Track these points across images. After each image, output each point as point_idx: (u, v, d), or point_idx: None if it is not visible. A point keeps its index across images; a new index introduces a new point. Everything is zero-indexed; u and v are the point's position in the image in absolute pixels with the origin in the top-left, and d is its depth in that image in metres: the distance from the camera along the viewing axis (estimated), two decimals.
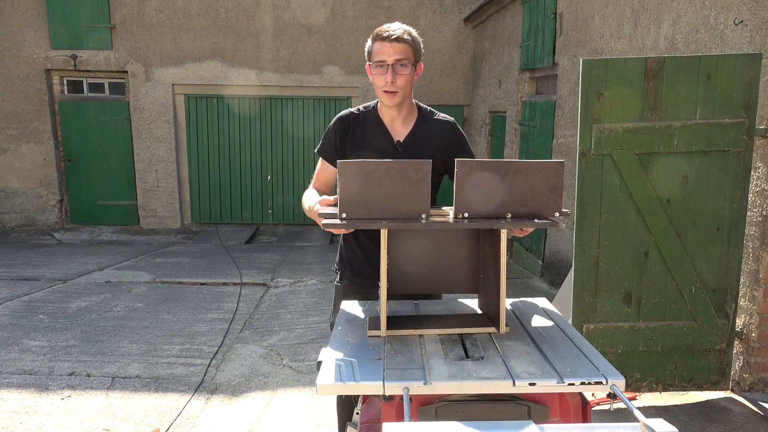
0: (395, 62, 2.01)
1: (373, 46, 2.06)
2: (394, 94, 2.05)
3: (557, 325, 1.87)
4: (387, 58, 2.01)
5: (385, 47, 2.01)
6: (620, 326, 3.34)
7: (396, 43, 2.00)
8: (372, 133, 2.18)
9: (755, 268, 3.30)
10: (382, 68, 2.02)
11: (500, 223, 1.64)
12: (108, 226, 9.81)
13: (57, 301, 5.50)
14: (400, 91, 2.05)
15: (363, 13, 9.36)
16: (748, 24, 3.25)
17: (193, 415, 3.36)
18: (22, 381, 3.77)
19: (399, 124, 2.18)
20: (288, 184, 9.93)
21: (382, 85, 2.04)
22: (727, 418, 3.20)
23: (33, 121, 9.39)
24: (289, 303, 5.60)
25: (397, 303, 2.14)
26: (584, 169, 3.21)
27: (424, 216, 1.62)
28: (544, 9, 6.23)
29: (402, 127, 2.18)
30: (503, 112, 7.84)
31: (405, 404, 1.35)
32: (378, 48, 2.03)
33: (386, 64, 2.01)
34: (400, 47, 2.01)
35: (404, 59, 2.02)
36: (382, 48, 2.02)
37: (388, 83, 2.02)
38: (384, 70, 2.02)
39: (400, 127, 2.18)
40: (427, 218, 1.62)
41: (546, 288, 6.12)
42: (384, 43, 2.01)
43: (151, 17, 9.20)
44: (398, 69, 2.02)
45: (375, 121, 2.19)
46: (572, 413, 1.52)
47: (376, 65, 2.03)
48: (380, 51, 2.02)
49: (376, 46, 2.04)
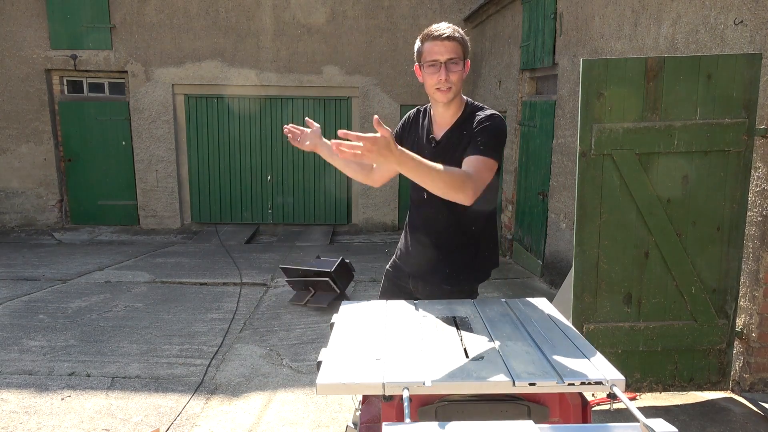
0: (447, 60, 2.04)
1: (423, 47, 2.08)
2: (448, 90, 2.08)
3: (557, 325, 1.87)
4: (440, 57, 2.04)
5: (437, 46, 2.04)
6: (620, 326, 3.34)
7: (447, 42, 2.04)
8: (420, 128, 2.29)
9: (755, 268, 3.30)
10: (434, 67, 2.05)
11: None
12: (108, 226, 9.81)
13: (57, 301, 5.50)
14: (453, 87, 2.08)
15: (363, 13, 9.35)
16: (748, 24, 3.25)
17: (193, 415, 3.36)
18: (22, 381, 3.77)
19: (445, 121, 2.21)
20: (288, 184, 9.93)
21: (436, 83, 2.07)
22: (728, 418, 3.20)
23: (33, 121, 9.38)
24: (289, 303, 5.59)
25: (397, 303, 2.14)
26: (584, 169, 3.20)
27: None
28: (544, 9, 6.23)
29: (446, 124, 2.22)
30: (503, 112, 7.83)
31: (405, 404, 1.34)
32: (429, 47, 2.06)
33: (439, 62, 2.04)
34: (452, 45, 2.04)
35: (456, 57, 2.05)
36: (433, 47, 2.05)
37: (442, 81, 2.05)
38: (437, 69, 2.05)
39: (444, 125, 2.22)
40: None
41: (546, 288, 6.12)
42: (436, 42, 2.04)
43: (151, 17, 9.20)
44: (451, 67, 2.05)
45: (428, 120, 2.27)
46: (572, 413, 1.52)
47: (429, 64, 2.06)
48: (432, 50, 2.05)
49: (427, 45, 2.07)
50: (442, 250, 2.26)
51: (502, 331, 1.82)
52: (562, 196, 5.83)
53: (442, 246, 2.26)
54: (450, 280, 2.26)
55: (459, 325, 1.88)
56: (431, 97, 2.16)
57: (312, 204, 10.03)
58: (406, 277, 2.38)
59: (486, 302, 2.12)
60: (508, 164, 7.72)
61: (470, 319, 1.94)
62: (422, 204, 2.26)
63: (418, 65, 2.14)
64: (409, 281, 2.37)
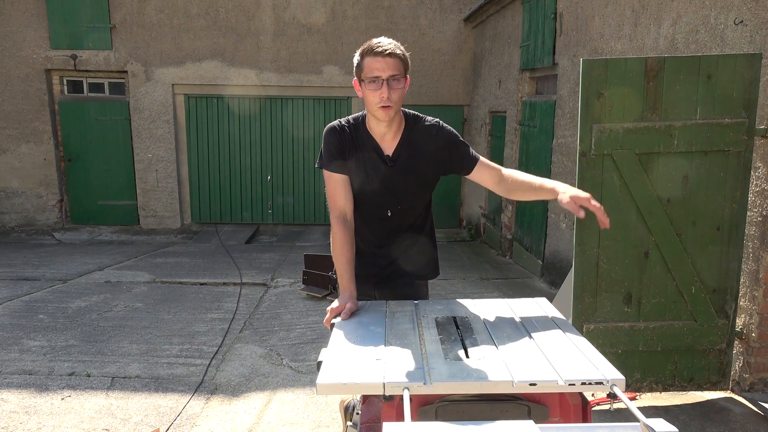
0: (389, 77, 1.98)
1: (363, 62, 2.01)
2: (389, 108, 2.01)
3: (557, 325, 1.87)
4: (381, 73, 1.97)
5: (379, 62, 1.97)
6: (620, 326, 3.34)
7: (389, 58, 1.97)
8: (364, 149, 2.16)
9: (755, 268, 3.30)
10: (375, 84, 1.98)
11: None
12: (108, 226, 9.81)
13: (57, 301, 5.50)
14: (394, 106, 2.02)
15: (363, 13, 9.35)
16: (748, 24, 3.25)
17: (193, 415, 3.36)
18: (22, 381, 3.77)
19: (389, 137, 2.15)
20: (288, 184, 9.93)
21: (378, 101, 2.00)
22: (727, 418, 3.20)
23: (33, 121, 9.38)
24: (289, 303, 5.59)
25: (397, 303, 2.14)
26: (584, 169, 3.20)
27: None
28: (544, 9, 6.23)
29: (392, 140, 2.16)
30: (503, 112, 7.84)
31: (405, 404, 1.34)
32: (370, 63, 1.99)
33: (381, 79, 1.97)
34: (394, 62, 1.98)
35: (397, 74, 1.99)
36: (374, 63, 1.98)
37: (384, 99, 1.98)
38: (378, 86, 1.98)
39: (390, 141, 2.16)
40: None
41: (546, 288, 6.12)
42: (377, 59, 1.97)
43: (151, 17, 9.20)
44: (393, 84, 1.98)
45: (365, 136, 2.16)
46: (572, 413, 1.52)
47: (370, 81, 1.99)
48: (373, 66, 1.98)
49: (367, 61, 1.99)
50: (416, 247, 2.33)
51: (502, 331, 1.82)
52: None
53: (415, 244, 2.33)
54: (433, 272, 2.43)
55: (459, 325, 1.88)
56: (372, 114, 2.08)
57: (312, 204, 10.03)
58: (371, 288, 2.36)
59: (486, 302, 2.12)
60: (508, 164, 7.72)
61: (470, 319, 1.94)
62: (384, 219, 2.25)
63: (357, 80, 2.06)
64: (374, 292, 2.37)
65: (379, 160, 2.15)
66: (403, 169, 2.15)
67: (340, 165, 2.15)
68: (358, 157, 2.15)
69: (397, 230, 2.28)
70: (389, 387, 1.44)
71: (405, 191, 2.20)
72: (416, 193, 2.24)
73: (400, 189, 2.18)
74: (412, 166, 2.16)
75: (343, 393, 1.49)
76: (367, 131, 2.16)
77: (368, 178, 2.16)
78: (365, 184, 2.17)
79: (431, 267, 2.42)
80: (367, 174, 2.16)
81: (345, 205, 2.16)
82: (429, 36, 9.30)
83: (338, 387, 1.47)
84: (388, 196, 2.19)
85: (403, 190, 2.19)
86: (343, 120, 2.20)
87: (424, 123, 2.19)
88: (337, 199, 2.17)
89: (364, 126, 2.17)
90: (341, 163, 2.15)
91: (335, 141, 2.16)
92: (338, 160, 2.15)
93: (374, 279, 2.34)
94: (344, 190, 2.17)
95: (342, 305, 1.98)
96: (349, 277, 2.07)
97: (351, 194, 2.18)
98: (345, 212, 2.16)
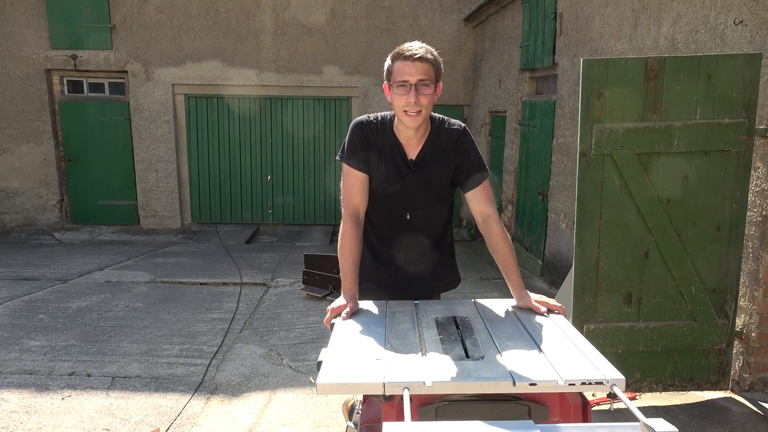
0: (418, 82, 1.94)
1: (393, 66, 1.98)
2: (418, 114, 1.98)
3: (557, 325, 1.87)
4: (410, 78, 1.94)
5: (408, 67, 1.94)
6: (620, 326, 3.34)
7: (419, 63, 1.94)
8: (389, 149, 2.13)
9: (755, 268, 3.30)
10: (404, 88, 1.95)
11: None
12: (108, 226, 9.81)
13: (57, 301, 5.50)
14: (423, 111, 1.98)
15: (363, 13, 9.35)
16: (748, 24, 3.25)
17: (193, 415, 3.36)
18: (22, 381, 3.77)
19: (415, 142, 2.12)
20: (288, 184, 9.93)
21: (404, 105, 1.97)
22: (727, 418, 3.20)
23: (33, 121, 9.39)
24: (289, 303, 5.60)
25: (397, 303, 2.14)
26: (584, 169, 3.20)
27: None
28: (544, 9, 6.23)
29: (417, 145, 2.13)
30: (503, 112, 7.84)
31: (405, 404, 1.34)
32: (400, 67, 1.96)
33: (409, 83, 1.94)
34: (423, 67, 1.95)
35: (427, 79, 1.96)
36: (404, 68, 1.95)
37: (411, 104, 1.95)
38: (406, 90, 1.95)
39: (415, 146, 2.13)
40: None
41: (546, 288, 6.12)
42: (407, 63, 1.94)
43: (151, 17, 9.20)
44: (421, 89, 1.95)
45: (392, 137, 2.13)
46: (572, 413, 1.53)
47: (398, 85, 1.96)
48: (402, 71, 1.95)
49: (397, 65, 1.97)
50: (433, 253, 2.30)
51: (503, 331, 1.82)
52: (562, 196, 5.83)
53: (433, 250, 2.29)
54: (452, 282, 2.38)
55: (459, 325, 1.88)
56: (399, 119, 2.06)
57: (312, 204, 10.03)
58: (386, 296, 2.29)
59: (486, 302, 2.13)
60: (508, 164, 7.72)
61: (470, 319, 1.94)
62: (402, 221, 2.21)
63: (387, 84, 2.03)
64: (385, 295, 2.31)
65: (402, 163, 2.13)
66: (425, 174, 2.13)
67: (362, 162, 2.12)
68: (382, 157, 2.13)
69: (416, 234, 2.24)
70: (389, 387, 1.44)
71: (425, 196, 2.17)
72: (436, 198, 2.20)
73: (420, 194, 2.15)
74: (434, 172, 2.13)
75: (343, 393, 1.49)
76: (393, 133, 2.14)
77: (389, 179, 2.13)
78: (386, 184, 2.14)
79: (449, 275, 2.36)
80: (389, 175, 2.13)
81: (360, 204, 2.14)
82: (429, 36, 9.30)
83: (338, 387, 1.47)
84: (408, 200, 2.16)
85: (423, 195, 2.16)
86: (372, 116, 2.17)
87: (449, 127, 2.16)
88: (353, 196, 2.14)
89: (392, 127, 2.15)
90: (363, 159, 2.12)
91: (361, 136, 2.13)
92: (361, 156, 2.12)
93: (390, 289, 2.27)
94: (362, 188, 2.14)
95: (342, 305, 1.98)
96: (352, 279, 2.05)
97: (367, 193, 2.16)
98: (359, 211, 2.14)
